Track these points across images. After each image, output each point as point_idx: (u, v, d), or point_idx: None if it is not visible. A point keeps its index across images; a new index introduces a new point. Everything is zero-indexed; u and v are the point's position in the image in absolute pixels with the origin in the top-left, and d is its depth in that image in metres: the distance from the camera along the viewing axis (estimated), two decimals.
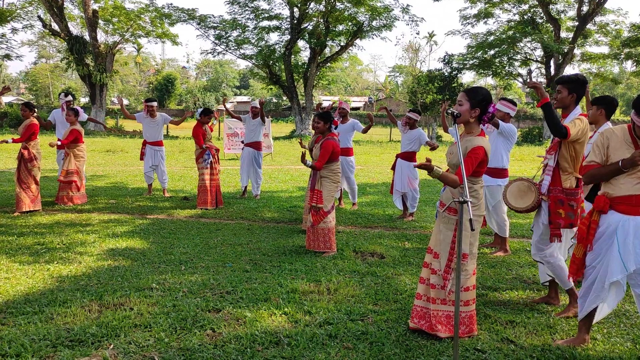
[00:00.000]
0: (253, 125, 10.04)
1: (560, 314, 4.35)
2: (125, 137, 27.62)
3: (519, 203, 4.46)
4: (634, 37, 31.42)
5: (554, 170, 4.27)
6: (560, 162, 4.25)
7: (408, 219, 8.38)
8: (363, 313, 4.28)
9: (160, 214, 8.50)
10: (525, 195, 4.43)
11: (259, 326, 3.96)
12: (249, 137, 10.14)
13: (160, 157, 10.24)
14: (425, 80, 34.22)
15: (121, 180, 12.42)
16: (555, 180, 4.26)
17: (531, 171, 16.03)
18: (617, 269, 3.48)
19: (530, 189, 4.40)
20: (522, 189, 4.46)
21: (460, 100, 3.75)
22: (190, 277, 5.14)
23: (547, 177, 4.31)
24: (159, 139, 10.25)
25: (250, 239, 6.93)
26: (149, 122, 10.10)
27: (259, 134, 10.15)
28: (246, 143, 10.21)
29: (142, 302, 4.39)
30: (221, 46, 32.22)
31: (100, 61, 31.26)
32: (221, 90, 74.22)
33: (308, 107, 31.63)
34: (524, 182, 4.48)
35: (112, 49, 32.30)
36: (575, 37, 31.66)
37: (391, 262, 5.89)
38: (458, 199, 3.26)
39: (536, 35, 30.89)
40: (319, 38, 29.98)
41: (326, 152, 6.11)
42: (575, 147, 4.19)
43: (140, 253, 6.09)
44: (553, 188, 4.26)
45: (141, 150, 10.28)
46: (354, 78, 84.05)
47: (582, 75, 4.25)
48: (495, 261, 6.07)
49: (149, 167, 10.24)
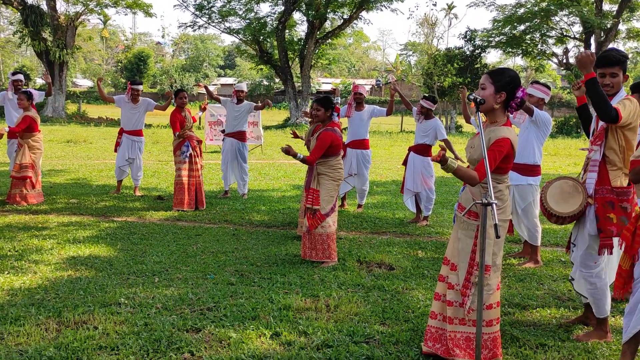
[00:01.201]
0: (237, 111, 10.03)
1: (580, 337, 4.33)
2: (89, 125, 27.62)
3: (562, 207, 4.28)
4: None
5: (600, 165, 4.17)
6: (607, 155, 4.14)
7: (422, 224, 8.40)
8: (368, 334, 4.28)
9: (130, 216, 8.51)
10: (570, 198, 4.26)
11: (245, 349, 3.97)
12: (232, 125, 10.13)
13: (138, 149, 10.26)
14: (443, 60, 34.21)
15: (84, 176, 12.42)
16: (603, 178, 4.14)
17: (567, 168, 16.07)
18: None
19: (577, 189, 4.24)
20: (565, 190, 4.30)
21: (484, 83, 3.75)
22: (165, 291, 5.14)
23: (593, 175, 4.18)
24: (139, 127, 10.25)
25: (235, 246, 6.93)
26: (130, 108, 10.11)
27: (243, 122, 10.15)
28: (228, 132, 10.20)
29: (108, 320, 4.39)
30: (203, 18, 32.25)
31: (60, 35, 31.24)
32: (202, 70, 74.21)
33: (304, 91, 31.65)
34: (567, 182, 4.32)
35: (74, 20, 32.28)
36: (621, 9, 31.64)
37: (402, 274, 5.90)
38: (481, 201, 3.27)
39: (574, 7, 30.87)
40: (318, 9, 29.97)
41: (323, 145, 6.08)
42: (626, 134, 4.09)
43: (106, 262, 6.08)
44: (600, 188, 4.14)
45: (117, 140, 10.28)
46: (359, 57, 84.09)
47: (625, 52, 4.21)
48: (524, 274, 6.08)
49: (124, 161, 10.23)
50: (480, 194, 3.68)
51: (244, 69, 67.46)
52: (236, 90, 10.09)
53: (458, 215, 3.90)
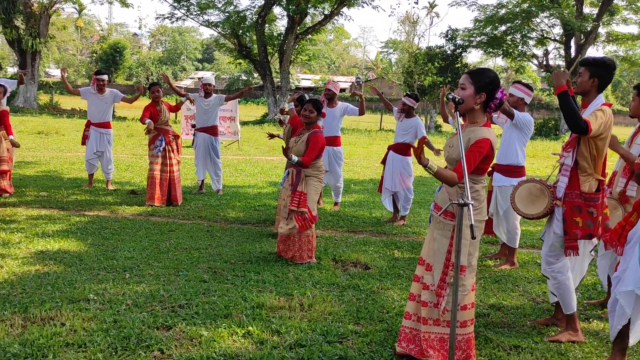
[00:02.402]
0: (206, 105, 9.97)
1: (551, 338, 4.41)
2: (62, 117, 27.29)
3: (529, 209, 4.48)
4: None
5: (572, 170, 4.30)
6: (578, 161, 4.28)
7: (399, 223, 8.43)
8: (342, 334, 4.29)
9: (101, 211, 8.42)
10: (537, 200, 4.44)
11: (216, 347, 3.95)
12: (202, 120, 10.07)
13: (106, 141, 10.16)
14: (423, 58, 34.37)
15: (55, 169, 12.28)
16: (573, 183, 4.29)
17: (545, 170, 16.25)
18: (631, 279, 3.60)
19: (543, 193, 4.41)
20: (533, 192, 4.47)
21: (463, 83, 3.77)
22: (136, 287, 5.10)
23: (564, 179, 4.33)
24: (106, 119, 10.15)
25: (209, 242, 6.90)
26: (96, 99, 10.01)
27: (214, 117, 10.10)
28: (198, 127, 10.15)
29: (76, 317, 4.34)
30: (181, 10, 31.98)
31: (33, 24, 30.76)
32: (180, 63, 73.70)
33: (283, 87, 31.58)
34: (535, 184, 4.49)
35: (48, 9, 31.80)
36: (601, 13, 32.07)
37: (377, 273, 5.92)
38: (457, 201, 3.28)
39: (555, 9, 31.21)
40: (299, 4, 29.91)
41: (315, 147, 6.15)
42: (597, 143, 4.22)
43: (76, 257, 6.02)
44: (570, 192, 4.28)
45: (84, 133, 10.18)
46: (339, 54, 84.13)
47: (611, 59, 4.29)
48: (499, 275, 6.14)
49: (92, 154, 10.13)
50: (457, 194, 3.71)
51: (222, 63, 67.11)
52: (203, 83, 10.01)
53: (434, 215, 3.92)
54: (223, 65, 66.99)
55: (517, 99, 6.36)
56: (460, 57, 34.91)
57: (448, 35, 35.02)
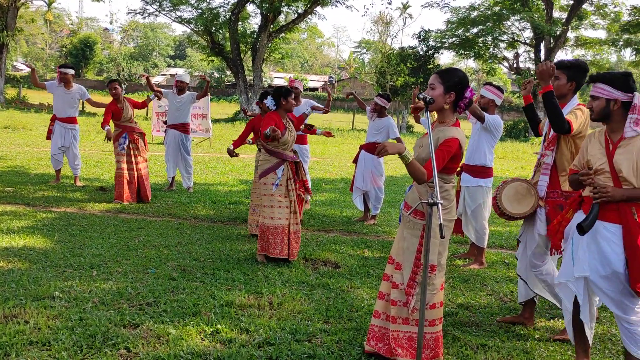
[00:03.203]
0: (179, 102, 9.91)
1: (557, 336, 4.51)
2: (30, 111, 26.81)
3: (515, 208, 4.47)
4: (635, 21, 32.66)
5: (552, 169, 4.37)
6: (558, 161, 4.35)
7: (369, 223, 8.46)
8: (311, 332, 4.28)
9: (69, 207, 8.30)
10: (523, 199, 4.46)
11: (184, 345, 3.92)
12: (174, 116, 10.01)
13: (72, 137, 10.02)
14: (396, 59, 34.57)
15: (21, 164, 12.07)
16: (554, 182, 4.36)
17: (514, 171, 16.46)
18: (564, 272, 3.74)
19: (530, 192, 4.43)
20: (520, 192, 4.48)
21: (433, 83, 3.79)
22: (103, 285, 5.04)
23: (545, 178, 4.39)
24: (72, 114, 10.02)
25: (179, 240, 6.85)
26: (62, 94, 9.86)
27: (186, 114, 10.05)
28: (170, 124, 10.08)
29: (40, 314, 4.27)
30: (153, 6, 31.69)
31: (0, 16, 30.16)
32: (152, 59, 72.95)
33: (256, 85, 31.47)
34: (522, 184, 4.50)
35: (16, 1, 31.20)
36: (570, 17, 32.64)
37: (347, 272, 5.93)
38: (427, 200, 3.30)
39: (525, 13, 31.67)
40: (273, 2, 29.85)
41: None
42: (577, 142, 4.31)
43: (42, 254, 5.92)
44: (552, 191, 4.35)
45: (49, 128, 10.04)
46: (312, 53, 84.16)
47: (584, 61, 4.38)
48: (468, 275, 6.19)
49: (57, 149, 10.00)
50: (427, 194, 3.72)
51: (195, 59, 66.62)
52: (177, 80, 9.97)
53: (404, 214, 3.93)
54: (195, 62, 66.52)
55: (488, 100, 6.43)
56: (433, 58, 35.22)
57: (421, 37, 35.30)
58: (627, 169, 3.49)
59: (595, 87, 3.62)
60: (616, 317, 3.66)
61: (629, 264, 3.47)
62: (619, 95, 3.54)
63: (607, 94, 3.57)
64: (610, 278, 3.52)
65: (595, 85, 3.63)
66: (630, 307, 3.55)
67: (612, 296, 3.55)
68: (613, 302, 3.57)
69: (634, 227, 3.47)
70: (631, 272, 3.45)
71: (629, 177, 3.48)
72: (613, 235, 3.52)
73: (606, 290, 3.55)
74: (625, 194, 3.48)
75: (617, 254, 3.50)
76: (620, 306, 3.56)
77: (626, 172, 3.48)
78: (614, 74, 3.62)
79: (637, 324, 3.56)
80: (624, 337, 3.63)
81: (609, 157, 3.58)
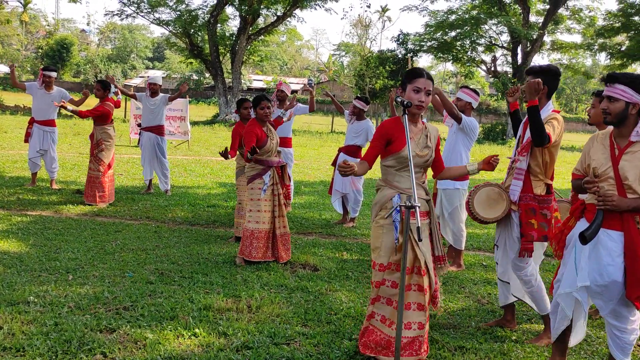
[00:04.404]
0: (152, 105, 9.89)
1: (533, 341, 4.52)
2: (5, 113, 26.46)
3: (487, 213, 4.48)
4: (609, 26, 33.17)
5: (525, 174, 4.39)
6: (531, 166, 4.39)
7: (348, 225, 8.47)
8: (289, 336, 4.28)
9: (45, 210, 8.20)
10: (495, 204, 4.47)
11: (162, 350, 3.89)
12: (148, 119, 9.98)
13: (50, 140, 9.94)
14: (375, 62, 34.65)
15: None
16: (526, 186, 4.39)
17: (491, 174, 16.56)
18: (568, 282, 3.68)
19: (502, 197, 4.46)
20: (491, 197, 4.49)
21: None
22: (79, 289, 4.98)
23: (517, 182, 4.41)
24: (51, 117, 9.91)
25: (157, 243, 6.80)
26: (42, 96, 9.75)
27: (160, 117, 10.02)
28: (144, 127, 10.04)
29: (14, 320, 4.21)
30: (131, 7, 31.44)
31: None
32: (129, 61, 72.40)
33: (235, 87, 31.38)
34: (494, 189, 4.51)
35: None
36: (546, 22, 33.03)
37: (326, 275, 5.93)
38: (404, 204, 3.31)
39: (503, 17, 31.96)
40: (251, 5, 29.80)
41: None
42: (551, 150, 4.35)
43: (16, 258, 5.84)
44: (524, 195, 4.38)
45: (27, 130, 9.92)
46: (291, 55, 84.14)
47: (555, 66, 4.41)
48: (446, 277, 6.22)
49: (35, 152, 9.88)
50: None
51: (173, 62, 66.17)
52: (150, 82, 9.92)
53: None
54: (174, 65, 66.06)
55: (465, 103, 6.48)
56: (412, 62, 35.35)
57: (399, 40, 35.44)
58: (634, 176, 3.42)
59: (615, 89, 3.48)
60: (607, 324, 3.66)
61: (627, 272, 3.44)
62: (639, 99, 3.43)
63: (627, 97, 3.43)
64: (609, 287, 3.49)
65: (614, 87, 3.49)
66: (626, 316, 3.55)
67: (610, 305, 3.54)
68: (609, 310, 3.56)
69: (636, 236, 3.42)
70: (628, 281, 3.43)
71: (634, 184, 3.41)
72: (614, 244, 3.47)
73: (604, 299, 3.55)
74: (631, 204, 3.40)
75: (617, 264, 3.46)
76: (615, 315, 3.57)
77: (632, 180, 3.41)
78: (636, 75, 3.48)
79: (629, 332, 3.57)
80: (611, 343, 3.63)
81: (614, 163, 3.51)
